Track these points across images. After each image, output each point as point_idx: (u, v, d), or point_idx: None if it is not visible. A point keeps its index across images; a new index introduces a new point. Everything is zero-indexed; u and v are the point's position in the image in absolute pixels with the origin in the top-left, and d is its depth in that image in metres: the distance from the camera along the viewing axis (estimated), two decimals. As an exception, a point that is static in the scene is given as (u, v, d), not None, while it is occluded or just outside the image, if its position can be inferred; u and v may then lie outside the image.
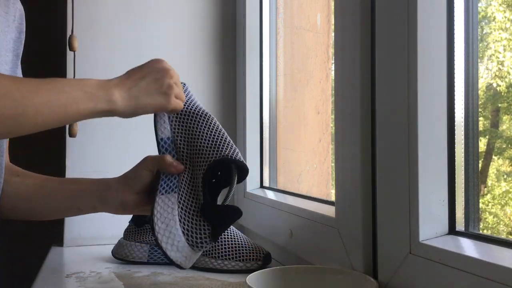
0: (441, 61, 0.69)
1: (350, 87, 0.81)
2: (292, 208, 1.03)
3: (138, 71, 0.75)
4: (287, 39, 1.35)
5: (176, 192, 0.77)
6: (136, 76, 0.74)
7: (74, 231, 1.29)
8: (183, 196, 0.77)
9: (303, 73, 1.31)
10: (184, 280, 0.97)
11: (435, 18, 0.69)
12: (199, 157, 0.78)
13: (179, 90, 0.78)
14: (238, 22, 1.41)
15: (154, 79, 0.74)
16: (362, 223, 0.78)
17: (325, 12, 1.26)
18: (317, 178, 1.28)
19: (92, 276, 1.00)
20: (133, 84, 0.73)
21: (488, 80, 0.88)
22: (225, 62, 1.42)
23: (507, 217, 1.03)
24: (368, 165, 0.78)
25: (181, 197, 0.77)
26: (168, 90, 0.75)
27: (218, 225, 0.75)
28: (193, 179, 0.78)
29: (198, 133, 0.80)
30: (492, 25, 0.85)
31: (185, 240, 0.74)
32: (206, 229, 0.75)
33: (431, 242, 0.66)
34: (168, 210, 0.75)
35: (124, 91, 0.72)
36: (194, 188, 0.78)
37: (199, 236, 0.75)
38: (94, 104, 0.68)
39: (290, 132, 1.33)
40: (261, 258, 1.03)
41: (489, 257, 0.58)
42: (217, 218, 0.76)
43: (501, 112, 0.97)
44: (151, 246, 1.08)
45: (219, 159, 0.77)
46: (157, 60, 0.78)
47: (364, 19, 0.78)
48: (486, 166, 1.03)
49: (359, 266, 0.78)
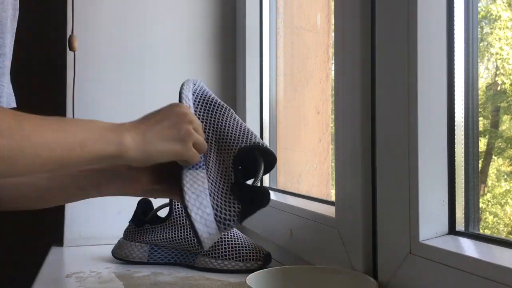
0: (441, 61, 0.69)
1: (350, 87, 0.81)
2: (292, 208, 1.03)
3: (154, 115, 0.69)
4: (287, 39, 1.35)
5: (204, 169, 0.74)
6: (151, 120, 0.68)
7: (74, 231, 1.29)
8: (212, 174, 0.75)
9: (303, 73, 1.31)
10: (184, 280, 0.97)
11: (435, 18, 0.69)
12: (227, 142, 0.77)
13: (199, 138, 0.72)
14: (238, 22, 1.41)
15: (171, 124, 0.68)
16: (362, 223, 0.78)
17: (325, 12, 1.26)
18: (317, 178, 1.28)
19: (92, 276, 1.00)
20: (148, 128, 0.67)
21: (488, 80, 0.88)
22: (225, 62, 1.42)
23: (507, 216, 1.03)
24: (368, 165, 0.78)
25: (210, 174, 0.74)
26: (187, 136, 0.69)
27: (250, 205, 0.74)
28: (221, 162, 0.76)
29: (225, 121, 0.79)
30: (498, 23, 0.85)
31: (214, 215, 0.72)
32: (236, 207, 0.73)
33: (431, 242, 0.66)
34: (198, 183, 0.72)
35: (137, 134, 0.65)
36: (222, 170, 0.76)
37: (228, 213, 0.72)
38: (101, 148, 0.61)
39: (290, 132, 1.33)
40: (261, 258, 1.03)
41: (489, 257, 0.58)
42: (249, 198, 0.74)
43: (501, 112, 0.97)
44: (151, 246, 1.08)
45: (251, 145, 0.76)
46: (176, 104, 0.72)
47: (364, 19, 0.78)
48: (486, 166, 1.03)
49: (359, 266, 0.78)
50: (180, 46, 1.39)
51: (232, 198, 0.73)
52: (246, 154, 0.77)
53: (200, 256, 1.05)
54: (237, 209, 0.73)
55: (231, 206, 0.73)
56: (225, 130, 0.78)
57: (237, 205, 0.73)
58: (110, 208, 1.30)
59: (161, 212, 1.10)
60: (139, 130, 0.66)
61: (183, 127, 0.69)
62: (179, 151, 0.69)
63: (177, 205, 1.07)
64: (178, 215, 1.06)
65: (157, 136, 0.67)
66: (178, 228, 1.06)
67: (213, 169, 0.75)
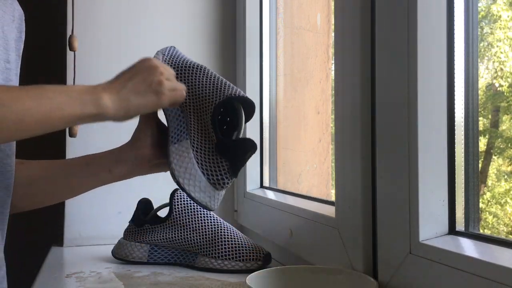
0: (441, 61, 0.69)
1: (350, 87, 0.81)
2: (292, 208, 1.03)
3: (126, 73, 0.74)
4: (287, 39, 1.35)
5: (188, 138, 0.79)
6: (124, 77, 0.73)
7: (74, 231, 1.29)
8: (195, 140, 0.78)
9: (303, 73, 1.31)
10: (184, 280, 0.97)
11: (435, 18, 0.69)
12: (203, 103, 0.79)
13: (172, 84, 0.76)
14: (238, 22, 1.41)
15: (142, 78, 0.73)
16: (362, 223, 0.78)
17: (325, 12, 1.26)
18: (317, 178, 1.28)
19: (92, 276, 1.00)
20: (122, 86, 0.72)
21: (489, 80, 0.88)
22: (225, 62, 1.42)
23: (507, 216, 1.04)
24: (368, 165, 0.78)
25: (193, 141, 0.78)
26: (158, 87, 0.73)
27: (236, 159, 0.77)
28: (201, 124, 0.79)
29: (198, 82, 0.81)
30: (498, 24, 0.85)
31: (206, 179, 0.76)
32: (224, 165, 0.76)
33: (431, 242, 0.66)
34: (183, 155, 0.77)
35: (113, 93, 0.70)
36: (204, 132, 0.79)
37: (219, 173, 0.76)
38: (80, 109, 0.67)
39: (290, 132, 1.33)
40: (261, 258, 1.03)
41: (489, 257, 0.58)
42: (234, 153, 0.77)
43: (501, 112, 0.97)
44: (151, 246, 1.08)
45: (224, 99, 0.78)
46: (145, 59, 0.76)
47: (364, 19, 0.78)
48: (486, 166, 1.03)
49: (359, 266, 0.78)
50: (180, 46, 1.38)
51: (219, 157, 0.77)
52: (225, 107, 0.80)
53: (200, 256, 1.05)
54: (226, 166, 0.76)
55: (219, 166, 0.76)
56: (200, 92, 0.80)
57: (225, 163, 0.76)
58: (110, 208, 1.30)
59: (161, 212, 1.10)
60: (114, 89, 0.71)
61: (154, 78, 0.73)
62: (155, 101, 0.73)
63: (177, 205, 1.07)
64: (178, 215, 1.06)
65: (131, 91, 0.71)
66: (178, 228, 1.06)
67: (195, 135, 0.79)
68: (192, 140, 0.78)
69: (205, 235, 1.05)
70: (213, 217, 1.07)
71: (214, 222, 1.06)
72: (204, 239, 1.04)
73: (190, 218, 1.06)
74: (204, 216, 1.07)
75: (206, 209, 0.78)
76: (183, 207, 1.07)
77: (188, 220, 1.06)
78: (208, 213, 1.08)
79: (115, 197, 1.29)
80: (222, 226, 1.06)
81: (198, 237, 1.05)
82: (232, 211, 1.39)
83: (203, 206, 0.77)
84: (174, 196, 1.08)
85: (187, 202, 1.08)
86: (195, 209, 1.07)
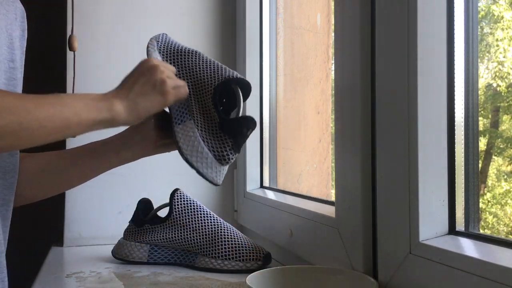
0: (441, 61, 0.69)
1: (350, 87, 0.81)
2: (292, 208, 1.03)
3: (130, 77, 0.77)
4: (287, 39, 1.35)
5: (191, 119, 0.82)
6: (129, 82, 0.76)
7: (74, 231, 1.29)
8: (198, 120, 0.82)
9: (303, 73, 1.31)
10: (184, 280, 0.97)
11: (435, 18, 0.69)
12: (202, 85, 0.83)
13: (173, 81, 0.79)
14: (238, 22, 1.41)
15: (146, 79, 0.76)
16: (362, 223, 0.78)
17: (325, 12, 1.26)
18: (317, 178, 1.28)
19: (92, 276, 1.00)
20: (128, 91, 0.75)
21: (489, 80, 0.88)
22: (225, 62, 1.42)
23: (507, 217, 1.03)
24: (368, 165, 0.78)
25: (197, 121, 0.82)
26: (162, 86, 0.76)
27: (239, 136, 0.81)
28: (202, 105, 0.83)
29: (195, 66, 0.85)
30: (500, 24, 0.85)
31: (213, 156, 0.80)
32: (229, 141, 0.81)
33: (431, 242, 0.66)
34: (189, 134, 0.81)
35: (123, 99, 0.74)
36: (206, 112, 0.82)
37: (224, 149, 0.81)
38: (96, 115, 0.70)
39: (290, 132, 1.33)
40: (261, 258, 1.03)
41: (489, 257, 0.58)
42: (237, 130, 0.81)
43: (501, 112, 0.97)
44: (151, 246, 1.08)
45: (223, 81, 0.82)
46: (144, 61, 0.79)
47: (364, 19, 0.78)
48: (486, 166, 1.03)
49: (359, 266, 0.78)
50: (180, 46, 1.39)
51: (223, 135, 0.81)
52: (223, 89, 0.83)
53: (200, 256, 1.05)
54: (230, 143, 0.81)
55: (224, 143, 0.81)
56: (198, 75, 0.84)
57: (229, 140, 0.81)
58: (110, 208, 1.30)
59: (161, 212, 1.10)
60: (123, 95, 0.74)
61: (157, 78, 0.76)
62: (161, 101, 0.77)
63: (177, 205, 1.07)
64: (178, 215, 1.06)
65: (138, 94, 0.75)
66: (178, 228, 1.06)
67: (198, 116, 0.82)
68: (196, 121, 0.82)
69: (205, 235, 1.05)
70: (213, 217, 1.08)
71: (214, 222, 1.06)
72: (204, 239, 1.04)
73: (190, 218, 1.06)
74: (204, 216, 1.07)
75: (212, 183, 0.82)
76: (183, 207, 1.07)
77: (188, 220, 1.06)
78: (208, 213, 1.08)
79: (115, 197, 1.29)
80: (222, 226, 1.06)
81: (198, 237, 1.05)
82: (232, 211, 1.39)
83: (209, 181, 0.81)
84: (174, 196, 1.08)
85: (187, 202, 1.08)
86: (195, 209, 1.07)
